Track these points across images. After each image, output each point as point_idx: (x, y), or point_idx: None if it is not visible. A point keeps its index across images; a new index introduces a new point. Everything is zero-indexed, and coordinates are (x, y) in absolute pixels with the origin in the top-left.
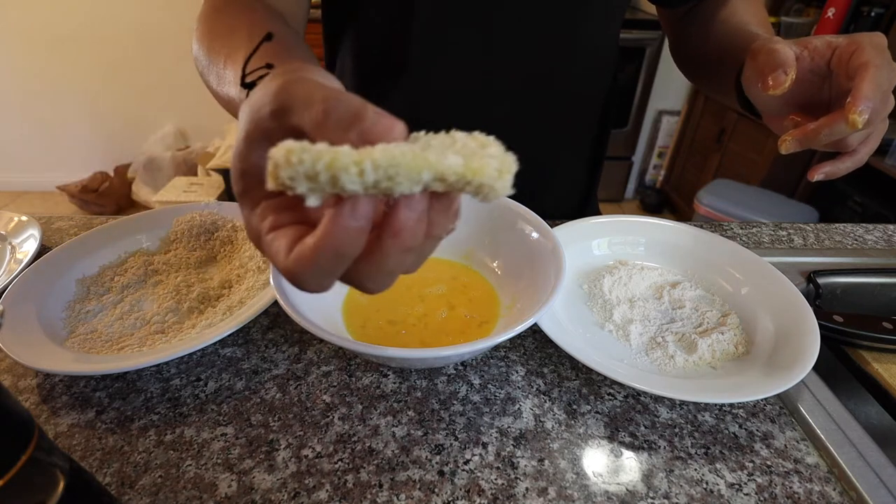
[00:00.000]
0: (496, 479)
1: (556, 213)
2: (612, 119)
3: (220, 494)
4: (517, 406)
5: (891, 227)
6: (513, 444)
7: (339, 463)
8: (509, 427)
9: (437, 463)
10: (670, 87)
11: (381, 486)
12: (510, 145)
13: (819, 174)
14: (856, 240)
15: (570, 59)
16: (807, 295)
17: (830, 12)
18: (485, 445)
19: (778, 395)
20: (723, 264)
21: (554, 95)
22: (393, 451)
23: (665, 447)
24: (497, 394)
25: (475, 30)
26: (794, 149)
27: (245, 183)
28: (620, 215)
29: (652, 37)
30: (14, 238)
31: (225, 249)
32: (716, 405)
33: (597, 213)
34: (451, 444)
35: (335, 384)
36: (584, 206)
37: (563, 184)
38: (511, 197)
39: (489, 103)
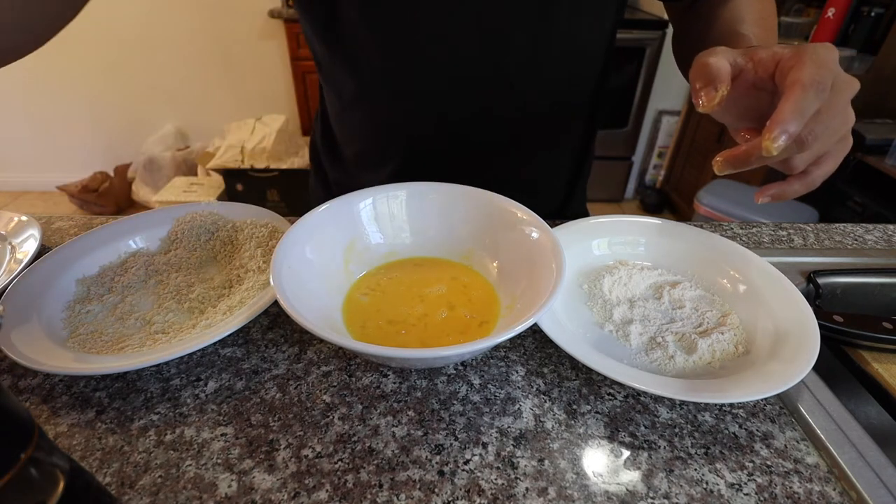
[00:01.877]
0: (496, 479)
1: (535, 210)
2: (600, 119)
3: (220, 494)
4: (517, 406)
5: (891, 227)
6: (513, 444)
7: (339, 463)
8: (509, 427)
9: (437, 463)
10: (670, 87)
11: (381, 486)
12: (492, 141)
13: (764, 197)
14: (856, 240)
15: (551, 58)
16: (807, 295)
17: (830, 12)
18: (485, 445)
19: (778, 395)
20: (723, 264)
21: (536, 93)
22: (393, 451)
23: (665, 447)
24: (497, 394)
25: (454, 28)
26: (728, 170)
27: None
28: (620, 215)
29: (652, 37)
30: (14, 238)
31: (225, 249)
32: (716, 405)
33: (584, 213)
34: (451, 444)
35: (335, 384)
36: (565, 206)
37: (543, 182)
38: (488, 189)
39: (470, 101)
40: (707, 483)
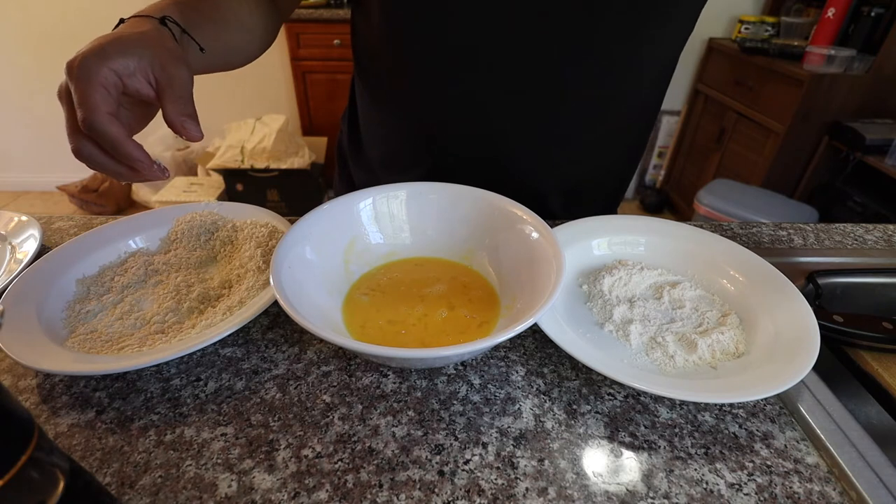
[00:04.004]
0: (496, 479)
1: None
2: (652, 127)
3: (220, 494)
4: (517, 406)
5: (891, 227)
6: (513, 444)
7: (339, 463)
8: (509, 427)
9: (437, 463)
10: (670, 87)
11: (381, 486)
12: (528, 150)
13: None
14: (856, 240)
15: (599, 69)
16: (807, 295)
17: (830, 12)
18: (485, 445)
19: (778, 395)
20: (723, 264)
21: (582, 105)
22: (393, 451)
23: (665, 447)
24: (497, 394)
25: (497, 34)
26: None
27: None
28: (620, 215)
29: None
30: (14, 238)
31: (225, 249)
32: (716, 405)
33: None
34: (451, 444)
35: (335, 384)
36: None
37: (586, 191)
38: (540, 197)
39: (512, 107)
40: (707, 483)
